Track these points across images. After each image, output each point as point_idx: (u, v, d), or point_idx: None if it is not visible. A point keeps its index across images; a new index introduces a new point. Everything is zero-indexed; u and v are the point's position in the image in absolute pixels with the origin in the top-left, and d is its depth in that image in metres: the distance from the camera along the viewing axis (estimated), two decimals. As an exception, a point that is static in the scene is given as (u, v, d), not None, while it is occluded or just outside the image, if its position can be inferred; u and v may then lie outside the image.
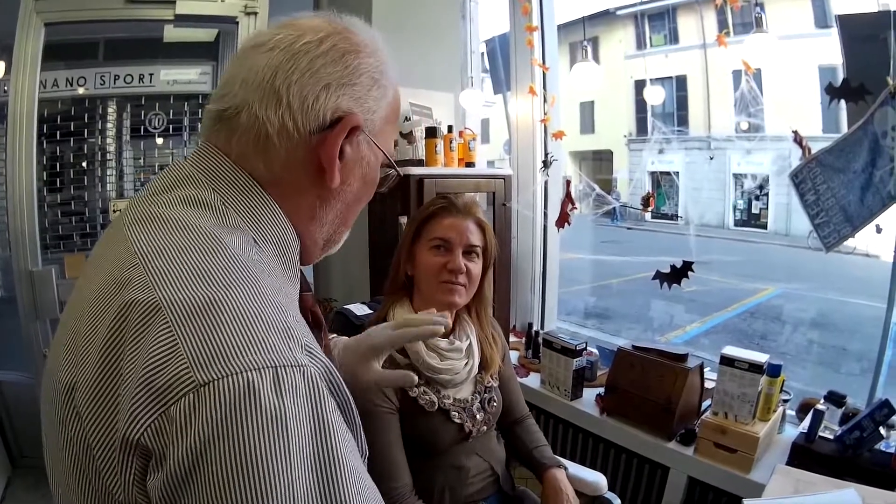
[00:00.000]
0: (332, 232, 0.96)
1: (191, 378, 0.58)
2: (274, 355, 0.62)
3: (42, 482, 3.34)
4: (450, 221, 1.87)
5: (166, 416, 0.58)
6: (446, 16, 3.98)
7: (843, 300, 9.03)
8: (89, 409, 0.65)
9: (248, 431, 0.57)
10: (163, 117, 3.40)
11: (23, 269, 2.94)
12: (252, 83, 0.83)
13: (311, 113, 0.83)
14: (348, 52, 0.87)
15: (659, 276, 2.91)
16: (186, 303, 0.64)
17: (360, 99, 0.87)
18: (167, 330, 0.62)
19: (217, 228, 0.77)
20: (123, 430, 0.60)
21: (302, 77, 0.82)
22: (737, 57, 2.58)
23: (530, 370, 3.37)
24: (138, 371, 0.61)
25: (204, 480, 0.56)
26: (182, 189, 0.82)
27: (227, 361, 0.60)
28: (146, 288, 0.67)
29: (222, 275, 0.68)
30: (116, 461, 0.62)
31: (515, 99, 3.90)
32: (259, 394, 0.58)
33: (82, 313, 0.72)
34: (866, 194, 2.35)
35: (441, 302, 1.84)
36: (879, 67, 2.28)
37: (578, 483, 2.09)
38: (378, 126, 0.91)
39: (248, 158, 0.84)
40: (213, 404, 0.57)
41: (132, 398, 0.60)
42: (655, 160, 14.93)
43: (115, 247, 0.77)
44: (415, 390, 1.79)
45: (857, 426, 2.12)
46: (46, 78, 3.04)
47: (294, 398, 0.61)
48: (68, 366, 0.70)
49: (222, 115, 0.84)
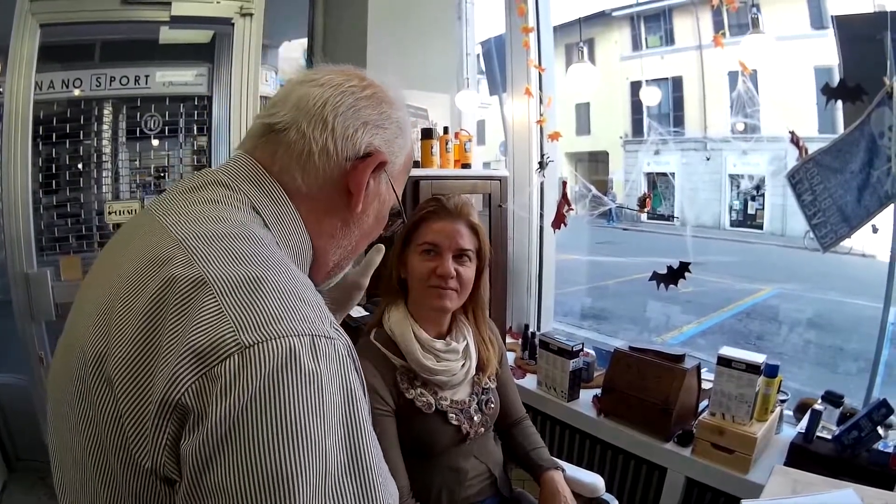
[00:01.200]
0: (342, 257, 1.05)
1: (236, 340, 0.64)
2: (311, 325, 0.69)
3: (39, 485, 3.35)
4: (440, 225, 1.86)
5: (209, 376, 0.63)
6: (442, 17, 3.98)
7: (840, 300, 9.04)
8: (123, 375, 0.69)
9: (290, 391, 0.63)
10: (158, 119, 3.39)
11: (18, 272, 2.93)
12: (303, 108, 0.92)
13: (350, 142, 0.93)
14: (384, 101, 0.98)
15: (655, 277, 2.91)
16: (231, 278, 0.70)
17: (388, 142, 0.98)
18: (213, 301, 0.68)
19: (248, 222, 0.84)
20: (162, 393, 0.64)
21: (346, 111, 0.93)
22: (733, 58, 2.58)
23: (527, 371, 3.36)
24: (184, 337, 0.66)
25: (246, 434, 0.60)
26: (213, 189, 0.90)
27: (270, 327, 0.66)
28: (190, 265, 0.73)
29: (261, 258, 0.76)
30: (149, 427, 0.66)
31: (511, 100, 3.90)
32: (300, 357, 0.65)
33: (116, 290, 0.77)
34: (863, 194, 2.35)
35: (431, 307, 1.84)
36: (876, 68, 2.29)
37: (576, 485, 2.08)
38: (396, 171, 1.03)
39: (289, 171, 0.92)
40: (258, 364, 0.63)
41: (176, 361, 0.64)
42: (651, 161, 14.98)
43: (147, 235, 0.82)
44: (411, 392, 1.78)
45: (854, 426, 2.12)
46: (42, 79, 3.03)
47: (328, 364, 0.67)
48: (99, 339, 0.74)
49: (273, 127, 0.93)
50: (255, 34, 3.31)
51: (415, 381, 1.80)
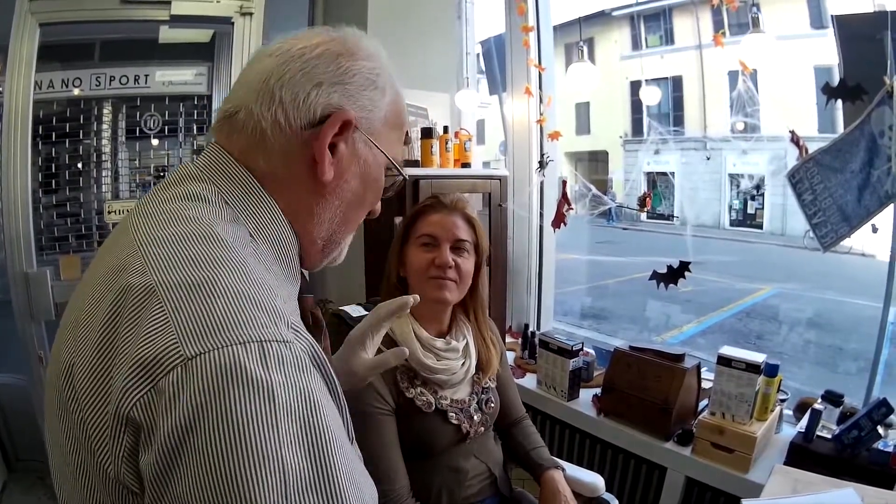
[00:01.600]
0: (331, 231, 0.97)
1: (179, 352, 0.61)
2: (260, 330, 0.65)
3: (38, 485, 3.35)
4: (436, 218, 1.87)
5: (156, 390, 0.61)
6: (442, 16, 3.98)
7: (840, 300, 9.04)
8: (85, 385, 0.68)
9: (235, 403, 0.59)
10: (158, 118, 3.39)
11: (18, 271, 2.93)
12: (251, 86, 0.88)
13: (303, 108, 0.86)
14: (342, 54, 0.90)
15: (655, 277, 2.91)
16: (179, 284, 0.68)
17: (352, 97, 0.90)
18: (160, 309, 0.65)
19: (212, 218, 0.81)
20: (115, 405, 0.63)
21: (294, 76, 0.86)
22: (733, 57, 2.58)
23: (526, 371, 3.36)
24: (133, 348, 0.64)
25: (194, 451, 0.58)
26: (185, 184, 0.87)
27: (214, 336, 0.63)
28: (143, 273, 0.71)
29: (212, 259, 0.72)
30: (108, 436, 0.65)
31: (511, 100, 3.90)
32: (245, 366, 0.61)
33: (85, 299, 0.76)
34: (864, 194, 2.35)
35: (432, 298, 1.84)
36: (876, 67, 2.28)
37: (576, 484, 2.09)
38: (377, 127, 0.94)
39: (250, 154, 0.88)
40: (200, 377, 0.60)
41: (126, 374, 0.63)
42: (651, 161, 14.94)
43: (119, 239, 0.82)
44: (411, 391, 1.78)
45: (854, 425, 2.12)
46: (42, 79, 3.03)
47: (280, 370, 0.63)
48: (69, 347, 0.73)
49: (226, 114, 0.90)
50: (254, 33, 3.31)
51: (415, 380, 1.80)
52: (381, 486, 1.65)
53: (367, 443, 1.60)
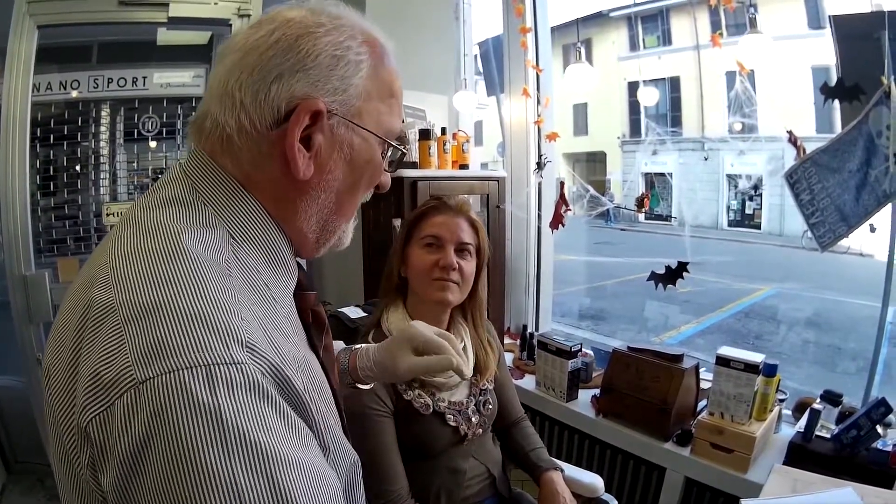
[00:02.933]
0: (322, 223, 0.94)
1: (132, 375, 0.61)
2: (208, 353, 0.64)
3: (37, 487, 3.35)
4: (441, 219, 1.88)
5: (110, 412, 0.61)
6: (439, 18, 3.98)
7: (838, 299, 9.05)
8: (57, 394, 0.70)
9: (183, 427, 0.59)
10: (156, 120, 3.39)
11: (16, 274, 2.93)
12: (213, 90, 0.85)
13: (266, 107, 0.82)
14: (300, 36, 0.83)
15: (654, 277, 2.91)
16: (136, 303, 0.67)
17: (318, 82, 0.84)
18: (118, 329, 0.66)
19: (185, 228, 0.78)
20: (78, 417, 0.64)
21: (252, 74, 0.82)
22: (730, 58, 2.58)
23: (525, 372, 3.36)
24: (91, 364, 0.65)
25: (148, 476, 0.59)
26: (167, 188, 0.86)
27: (163, 360, 0.62)
28: (108, 288, 0.71)
29: (172, 276, 0.70)
30: (76, 444, 0.66)
31: (509, 101, 3.90)
32: (192, 391, 0.60)
33: (65, 307, 0.77)
34: (861, 194, 2.36)
35: (434, 300, 1.84)
36: (873, 67, 2.29)
37: (575, 485, 2.09)
38: (356, 105, 0.88)
39: (220, 158, 0.86)
40: (150, 401, 0.60)
41: (84, 388, 0.64)
42: (649, 161, 14.97)
43: (103, 246, 0.82)
44: (409, 393, 1.78)
45: (853, 425, 2.13)
46: (39, 81, 3.02)
47: (229, 394, 0.62)
48: (48, 354, 0.76)
49: (194, 122, 0.89)
50: (252, 35, 3.30)
51: (413, 382, 1.80)
52: (381, 486, 1.66)
53: (366, 445, 1.60)
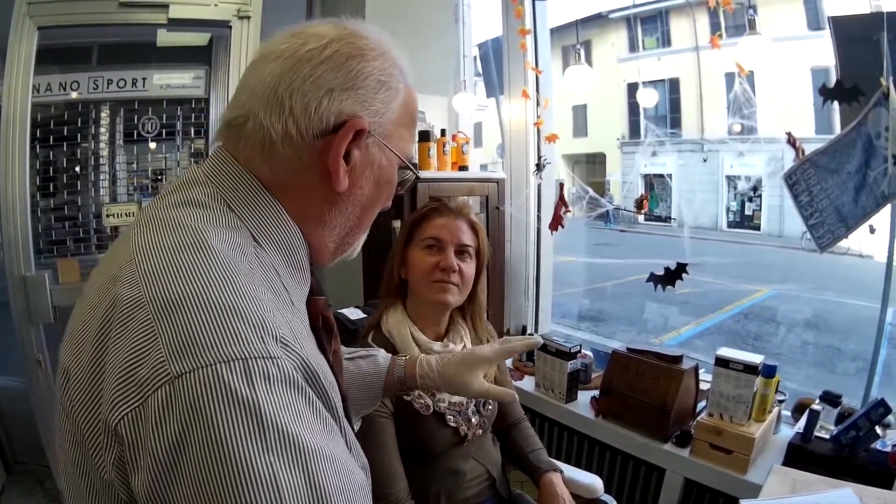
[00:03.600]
0: (343, 234, 0.96)
1: (166, 370, 0.61)
2: (245, 347, 0.64)
3: (36, 488, 3.34)
4: (442, 221, 1.88)
5: (143, 408, 0.60)
6: (439, 19, 3.98)
7: (837, 301, 9.05)
8: (79, 393, 0.69)
9: (221, 421, 0.59)
10: (156, 122, 3.38)
11: (16, 275, 2.93)
12: (258, 92, 0.84)
13: (315, 118, 0.83)
14: (352, 56, 0.86)
15: (653, 279, 2.91)
16: (167, 298, 0.67)
17: (365, 102, 0.86)
18: (149, 324, 0.65)
19: (210, 227, 0.78)
20: (105, 415, 0.63)
21: (304, 84, 0.83)
22: (729, 59, 2.58)
23: (525, 373, 3.36)
24: (120, 360, 0.64)
25: (185, 471, 0.58)
26: (187, 190, 0.85)
27: (200, 354, 0.62)
28: (134, 284, 0.70)
29: (202, 271, 0.70)
30: (102, 444, 0.65)
31: (508, 102, 3.90)
32: (230, 385, 0.60)
33: (83, 305, 0.77)
34: (860, 195, 2.36)
35: (434, 301, 1.85)
36: (872, 68, 2.29)
37: (574, 486, 2.09)
38: (389, 129, 0.91)
39: (255, 163, 0.86)
40: (186, 396, 0.59)
41: (113, 385, 0.63)
42: (648, 163, 14.98)
43: (121, 246, 0.80)
44: (409, 394, 1.79)
45: (853, 426, 2.13)
46: (39, 82, 3.02)
47: (266, 388, 0.62)
48: (68, 354, 0.74)
49: (231, 123, 0.87)
50: (252, 37, 3.30)
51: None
52: (381, 489, 1.66)
53: (366, 446, 1.60)
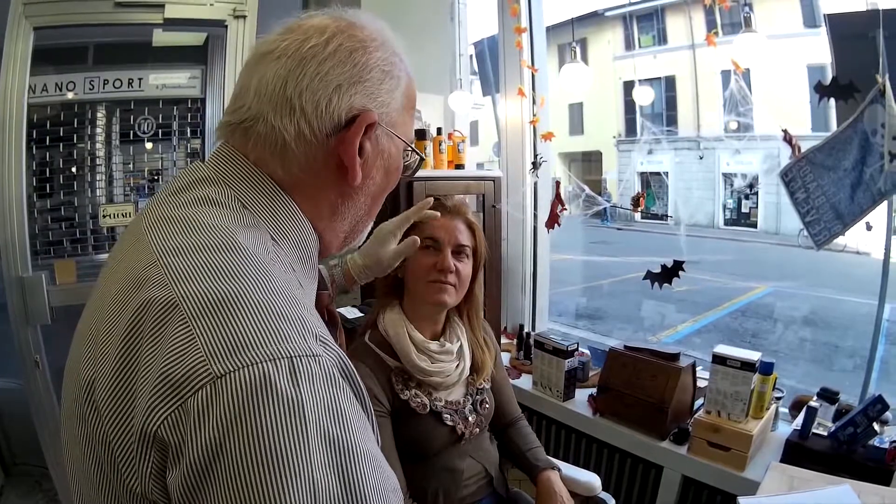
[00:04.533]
0: (354, 224, 0.98)
1: (207, 370, 0.60)
2: (289, 345, 0.63)
3: (35, 490, 3.34)
4: (440, 221, 1.87)
5: (183, 409, 0.59)
6: (435, 18, 3.98)
7: (834, 297, 9.06)
8: (107, 403, 0.67)
9: (265, 420, 0.58)
10: (152, 122, 3.37)
11: (13, 276, 2.92)
12: (264, 94, 0.84)
13: (326, 116, 0.84)
14: (355, 49, 0.87)
15: (650, 276, 2.91)
16: (203, 298, 0.65)
17: (372, 94, 0.88)
18: (184, 325, 0.63)
19: (232, 226, 0.78)
20: (141, 423, 0.61)
21: (312, 82, 0.83)
22: (726, 57, 2.58)
23: (522, 371, 3.36)
24: (158, 365, 0.62)
25: (224, 471, 0.57)
26: (200, 189, 0.84)
27: (242, 353, 0.61)
28: (164, 286, 0.68)
29: (236, 270, 0.70)
30: (134, 454, 0.63)
31: (504, 101, 3.90)
32: (276, 384, 0.60)
33: (102, 312, 0.74)
34: (856, 192, 2.36)
35: (431, 302, 1.85)
36: (868, 66, 2.29)
37: (572, 484, 2.09)
38: (394, 117, 0.92)
39: (267, 163, 0.86)
40: (229, 395, 0.58)
41: (151, 391, 0.61)
42: (645, 161, 14.98)
43: (134, 248, 0.79)
44: (406, 393, 1.79)
45: (850, 422, 2.13)
46: (35, 83, 3.01)
47: (311, 386, 0.62)
48: (88, 363, 0.72)
49: (238, 125, 0.86)
50: (248, 36, 3.29)
51: (409, 382, 1.81)
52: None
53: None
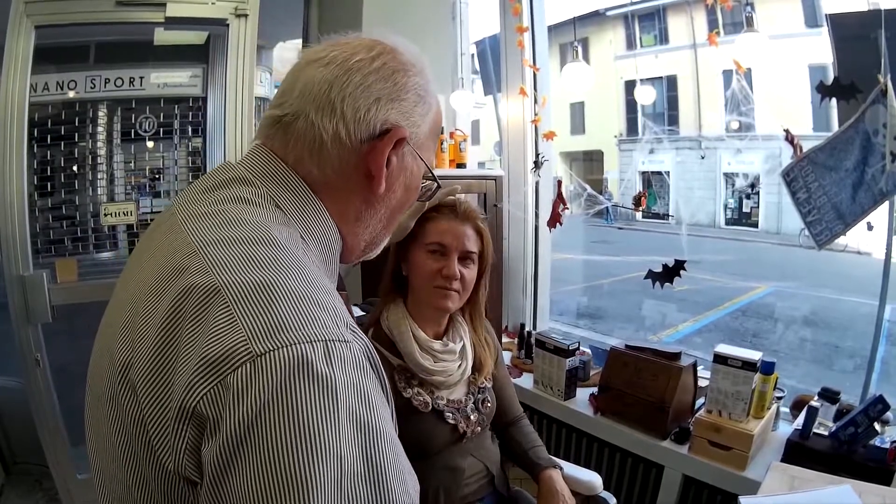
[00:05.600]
0: (375, 234, 1.03)
1: (248, 349, 0.63)
2: (325, 330, 0.68)
3: (35, 489, 3.34)
4: (447, 225, 1.85)
5: (223, 385, 0.62)
6: (437, 17, 3.98)
7: (835, 298, 9.06)
8: (145, 383, 0.70)
9: (301, 397, 0.61)
10: (153, 120, 3.37)
11: (14, 274, 2.92)
12: (309, 94, 0.89)
13: (363, 123, 0.89)
14: (398, 70, 0.93)
15: (651, 276, 2.91)
16: (244, 285, 0.69)
17: (406, 113, 0.93)
18: (226, 309, 0.67)
19: (267, 222, 0.82)
20: (179, 400, 0.65)
21: (355, 90, 0.89)
22: (727, 57, 2.58)
23: (523, 370, 3.37)
24: (199, 346, 0.66)
25: (258, 442, 0.59)
26: (234, 188, 0.89)
27: (282, 334, 0.64)
28: (205, 273, 0.72)
29: (274, 261, 0.74)
30: (170, 431, 0.66)
31: (506, 100, 3.90)
32: (312, 363, 0.63)
33: (138, 299, 0.78)
34: (858, 192, 2.36)
35: (434, 307, 1.85)
36: (870, 66, 2.29)
37: (573, 483, 2.09)
38: (421, 140, 0.98)
39: (304, 162, 0.90)
40: (269, 372, 0.62)
41: (192, 370, 0.65)
42: (646, 160, 14.98)
43: (168, 239, 0.83)
44: (409, 391, 1.79)
45: (851, 422, 2.13)
46: (37, 81, 3.00)
47: (343, 369, 0.66)
48: (125, 345, 0.75)
49: (281, 119, 0.91)
50: (249, 35, 3.29)
51: (412, 380, 1.81)
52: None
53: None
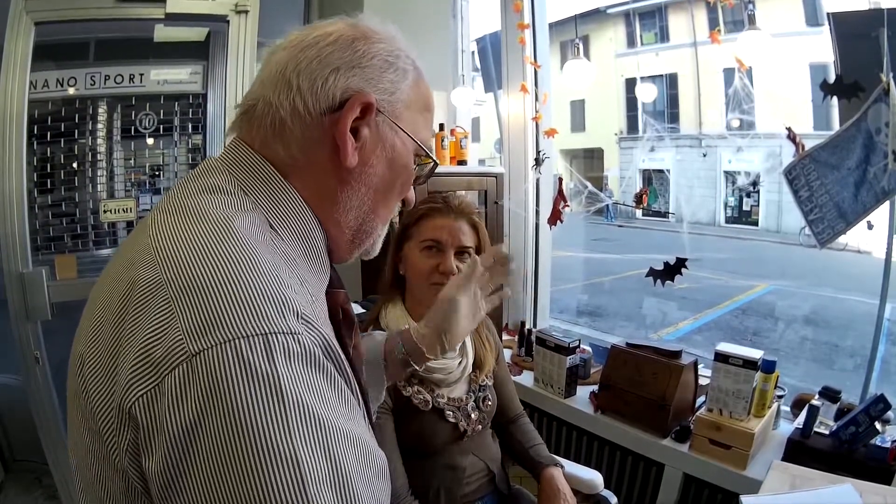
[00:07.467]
0: (360, 220, 0.95)
1: (184, 348, 0.60)
2: (265, 322, 0.64)
3: (35, 486, 3.34)
4: (442, 222, 1.86)
5: (159, 390, 0.60)
6: (437, 14, 3.97)
7: (836, 296, 9.05)
8: (93, 378, 0.69)
9: (240, 397, 0.58)
10: (153, 117, 3.36)
11: (13, 271, 2.92)
12: (266, 79, 0.88)
13: (321, 94, 0.85)
14: (357, 38, 0.89)
15: (652, 273, 2.91)
16: (186, 279, 0.67)
17: (371, 80, 0.88)
18: (167, 304, 0.65)
19: (228, 211, 0.79)
20: (119, 398, 0.63)
21: (310, 64, 0.86)
22: (728, 55, 2.58)
23: (523, 368, 3.36)
24: (138, 341, 0.64)
25: (203, 451, 0.57)
26: (206, 178, 0.87)
27: (217, 330, 0.61)
28: (152, 266, 0.70)
29: (223, 251, 0.70)
30: (114, 429, 0.65)
31: (507, 97, 3.90)
32: (250, 360, 0.60)
33: (101, 293, 0.77)
34: (860, 190, 2.35)
35: (432, 304, 1.84)
36: (872, 64, 2.28)
37: (574, 481, 2.09)
38: (400, 110, 0.92)
39: (269, 144, 0.88)
40: (204, 373, 0.59)
41: (130, 366, 0.63)
42: (646, 158, 14.97)
43: (139, 234, 0.81)
44: (408, 389, 1.78)
45: (852, 421, 2.13)
46: (36, 78, 3.00)
47: (287, 363, 0.62)
48: (83, 340, 0.74)
49: (243, 111, 0.91)
50: (249, 32, 3.29)
51: (412, 378, 1.80)
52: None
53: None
